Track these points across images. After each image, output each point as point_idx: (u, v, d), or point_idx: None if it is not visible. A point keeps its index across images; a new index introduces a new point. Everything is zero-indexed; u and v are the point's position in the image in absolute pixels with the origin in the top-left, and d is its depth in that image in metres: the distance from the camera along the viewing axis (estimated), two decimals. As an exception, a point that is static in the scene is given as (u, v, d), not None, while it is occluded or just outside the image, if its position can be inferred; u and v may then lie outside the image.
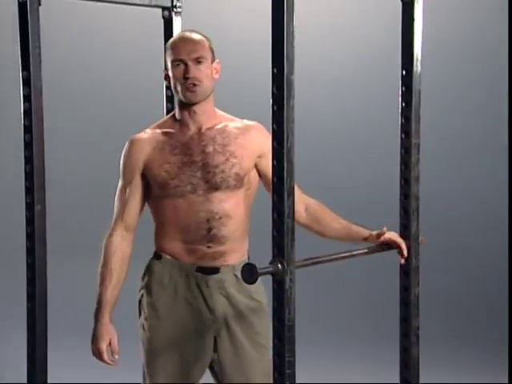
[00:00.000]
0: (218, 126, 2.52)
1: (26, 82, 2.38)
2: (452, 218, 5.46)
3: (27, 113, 2.39)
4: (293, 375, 1.87)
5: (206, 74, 2.46)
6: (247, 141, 2.53)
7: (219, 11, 5.57)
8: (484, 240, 5.40)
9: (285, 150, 1.81)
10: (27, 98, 2.39)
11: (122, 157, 2.55)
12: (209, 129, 2.51)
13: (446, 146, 5.45)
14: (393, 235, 2.41)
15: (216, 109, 2.55)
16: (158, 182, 2.48)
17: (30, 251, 2.42)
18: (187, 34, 2.52)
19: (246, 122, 2.58)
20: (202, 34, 2.54)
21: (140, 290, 2.60)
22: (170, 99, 2.87)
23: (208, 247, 2.49)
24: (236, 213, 2.52)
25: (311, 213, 2.58)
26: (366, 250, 2.37)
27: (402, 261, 2.38)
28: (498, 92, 5.30)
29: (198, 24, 2.64)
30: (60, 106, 5.17)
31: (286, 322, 1.85)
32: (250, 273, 1.88)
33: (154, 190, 2.52)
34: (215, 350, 2.55)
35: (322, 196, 2.66)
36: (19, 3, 2.35)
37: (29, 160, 2.40)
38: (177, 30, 2.85)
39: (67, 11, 5.34)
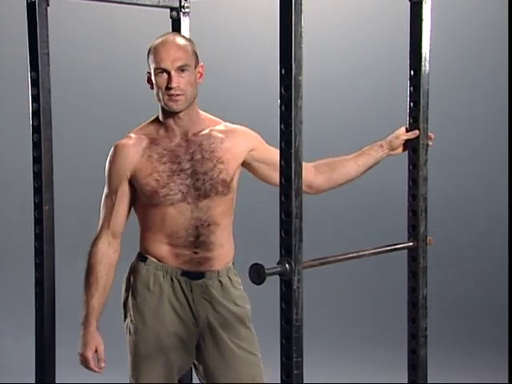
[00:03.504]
0: (204, 132, 2.50)
1: (35, 83, 2.39)
2: (456, 219, 5.45)
3: (35, 113, 2.40)
4: (300, 376, 1.86)
5: (189, 82, 2.42)
6: (233, 144, 2.51)
7: (227, 12, 5.57)
8: (488, 241, 5.39)
9: (293, 151, 1.81)
10: (35, 99, 2.39)
11: (108, 163, 2.51)
12: (195, 135, 2.48)
13: (453, 146, 5.44)
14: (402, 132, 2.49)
15: (200, 111, 2.52)
16: (146, 190, 2.45)
17: (39, 251, 2.43)
18: (170, 38, 2.46)
19: (228, 124, 2.56)
20: (185, 38, 2.51)
21: (125, 292, 2.58)
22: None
23: (195, 253, 2.49)
24: (223, 219, 2.52)
25: (321, 169, 2.60)
26: (373, 251, 2.36)
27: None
28: (507, 92, 5.28)
29: (205, 24, 2.65)
30: (67, 107, 5.17)
31: (294, 322, 1.84)
32: (257, 273, 1.88)
33: (141, 198, 2.49)
34: (200, 353, 2.56)
35: (329, 196, 2.66)
36: (28, 3, 2.35)
37: (37, 160, 2.41)
38: (185, 30, 2.84)
39: (74, 12, 5.34)
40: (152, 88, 2.45)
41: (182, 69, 2.40)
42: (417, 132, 2.40)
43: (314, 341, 2.77)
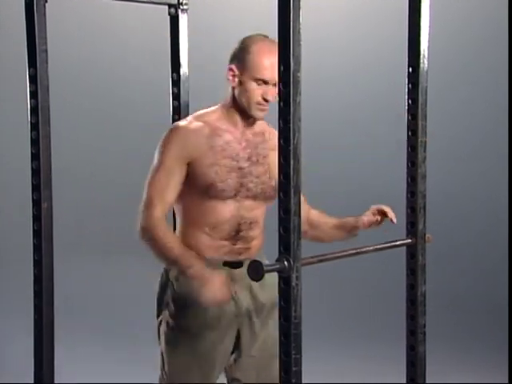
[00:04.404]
0: (258, 131, 2.55)
1: (33, 79, 2.38)
2: (455, 216, 5.45)
3: (34, 110, 2.40)
4: (299, 373, 1.86)
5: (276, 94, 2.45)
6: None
7: (225, 8, 5.56)
8: (487, 238, 5.39)
9: (291, 148, 1.81)
10: (34, 95, 2.39)
11: (166, 142, 2.44)
12: (253, 135, 2.52)
13: (452, 143, 5.44)
14: (374, 211, 2.55)
15: None
16: (203, 180, 2.45)
17: (38, 248, 2.43)
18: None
19: (272, 128, 2.59)
20: None
21: (160, 288, 2.55)
22: (176, 96, 2.86)
23: (233, 244, 2.52)
24: (262, 218, 2.58)
25: (310, 222, 2.67)
26: (372, 248, 2.36)
27: (394, 220, 2.51)
28: (506, 90, 5.28)
29: (204, 21, 2.64)
30: (65, 104, 5.17)
31: (293, 319, 1.85)
32: (256, 270, 1.88)
33: (192, 187, 2.47)
34: (237, 342, 2.57)
35: (327, 194, 2.68)
36: (26, 1, 2.35)
37: (35, 157, 2.41)
38: (183, 27, 2.83)
39: (73, 8, 5.34)
40: (232, 82, 2.46)
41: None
42: (371, 221, 2.53)
43: (312, 338, 2.77)
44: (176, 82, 2.84)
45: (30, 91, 2.39)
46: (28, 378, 2.63)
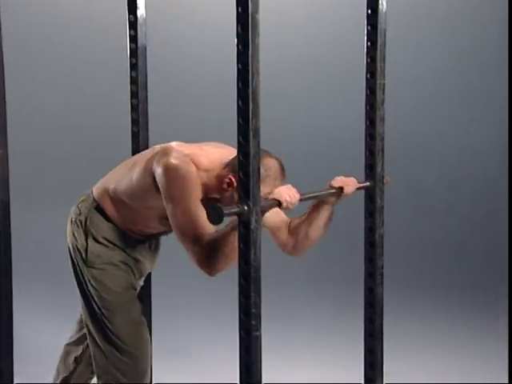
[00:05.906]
0: None
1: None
2: (414, 156, 5.48)
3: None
4: (258, 315, 1.88)
5: None
6: None
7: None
8: (450, 179, 5.44)
9: (250, 90, 1.79)
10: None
11: (188, 175, 2.31)
12: None
13: (412, 85, 5.45)
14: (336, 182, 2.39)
15: None
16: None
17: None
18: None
19: None
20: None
21: (80, 235, 2.61)
22: (133, 39, 2.78)
23: (145, 238, 2.66)
24: None
25: (292, 232, 2.64)
26: (330, 191, 2.37)
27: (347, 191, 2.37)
28: (466, 26, 5.29)
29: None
30: (20, 49, 5.07)
31: (252, 262, 1.85)
32: (216, 213, 1.88)
33: (152, 202, 2.42)
34: None
35: (284, 139, 2.66)
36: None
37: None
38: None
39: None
40: (224, 187, 2.32)
41: None
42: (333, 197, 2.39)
43: (271, 283, 2.79)
44: (133, 24, 2.78)
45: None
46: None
